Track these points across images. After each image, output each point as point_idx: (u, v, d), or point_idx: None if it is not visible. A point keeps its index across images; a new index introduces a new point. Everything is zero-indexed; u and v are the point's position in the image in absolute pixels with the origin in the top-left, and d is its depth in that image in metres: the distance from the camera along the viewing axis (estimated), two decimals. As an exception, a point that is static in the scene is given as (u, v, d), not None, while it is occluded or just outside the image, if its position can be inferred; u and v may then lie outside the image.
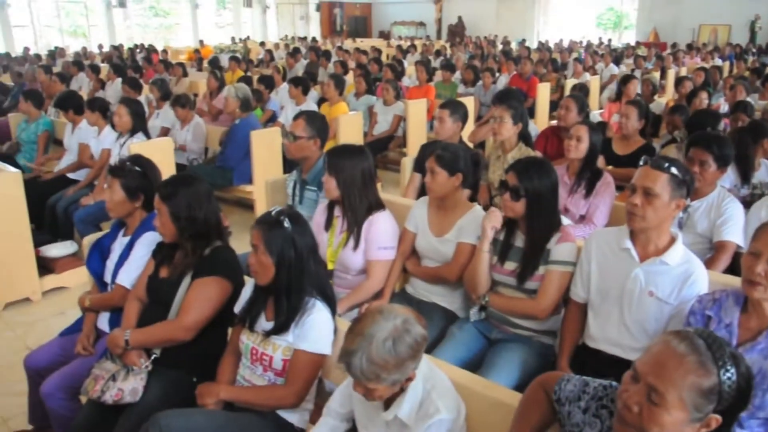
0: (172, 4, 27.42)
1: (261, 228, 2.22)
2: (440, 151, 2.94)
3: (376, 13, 31.57)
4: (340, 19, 29.57)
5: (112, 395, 2.36)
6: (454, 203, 2.97)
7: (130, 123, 4.99)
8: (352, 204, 2.95)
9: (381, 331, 1.70)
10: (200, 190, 2.55)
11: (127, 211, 2.88)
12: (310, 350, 2.20)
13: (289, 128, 3.61)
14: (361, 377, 1.71)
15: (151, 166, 2.95)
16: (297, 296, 2.22)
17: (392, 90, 7.28)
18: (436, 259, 2.99)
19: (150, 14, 27.90)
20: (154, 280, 2.62)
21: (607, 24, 28.35)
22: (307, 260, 2.24)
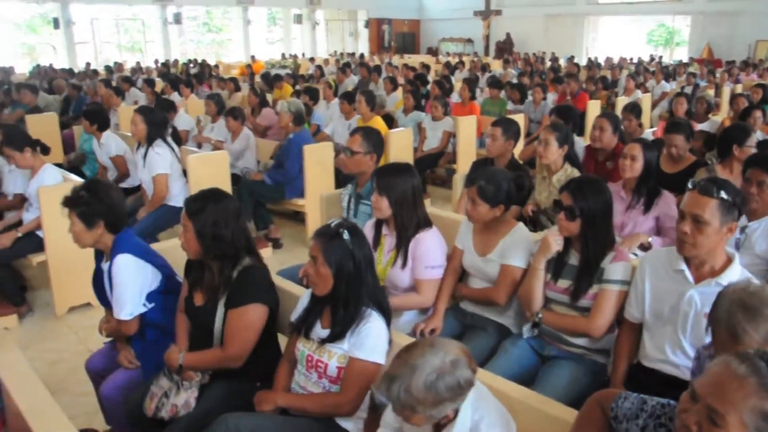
0: (225, 20, 28.13)
1: (320, 240, 2.24)
2: (483, 182, 2.87)
3: (424, 29, 31.77)
4: (388, 36, 29.86)
5: (167, 411, 2.45)
6: (497, 223, 2.95)
7: (145, 131, 4.90)
8: (405, 222, 2.94)
9: (426, 365, 1.66)
10: (229, 208, 2.49)
11: (92, 240, 2.76)
12: (365, 359, 2.21)
13: (345, 143, 3.63)
14: (397, 404, 1.70)
15: (104, 189, 2.79)
16: (354, 306, 2.24)
17: (441, 107, 7.29)
18: (481, 277, 2.99)
19: (203, 30, 28.67)
20: (191, 308, 2.61)
21: (658, 40, 27.94)
22: (365, 272, 2.26)
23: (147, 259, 2.75)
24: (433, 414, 1.69)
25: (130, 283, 2.69)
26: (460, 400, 1.71)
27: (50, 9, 21.37)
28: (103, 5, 22.58)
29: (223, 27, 28.94)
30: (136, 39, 25.50)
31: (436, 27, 30.87)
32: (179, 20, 23.59)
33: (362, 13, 29.44)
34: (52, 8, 21.15)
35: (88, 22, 22.57)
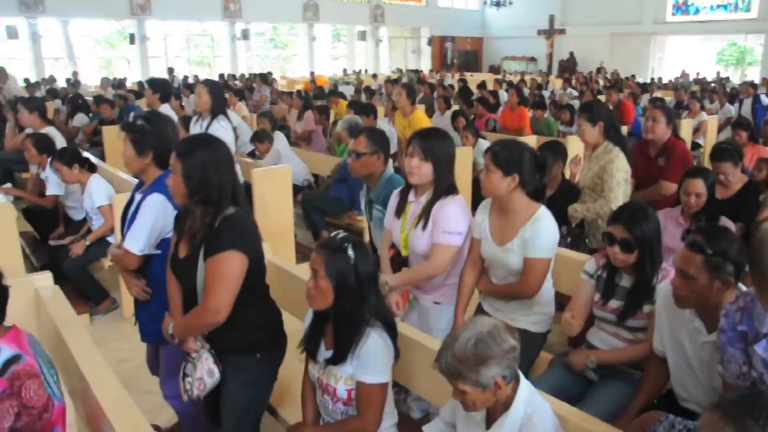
0: (291, 36, 28.78)
1: (323, 252, 2.15)
2: (498, 147, 2.70)
3: (487, 47, 31.78)
4: (451, 53, 29.99)
5: (197, 388, 2.41)
6: (514, 207, 2.72)
7: (209, 103, 4.95)
8: (441, 187, 2.84)
9: (466, 332, 1.82)
10: (220, 154, 2.37)
11: (139, 167, 2.79)
12: (371, 382, 2.18)
13: (350, 147, 3.50)
14: (446, 373, 1.82)
15: (162, 124, 2.84)
16: (357, 325, 2.18)
17: (471, 137, 7.13)
18: (500, 267, 2.81)
19: (270, 46, 29.39)
20: (176, 262, 2.49)
21: (729, 60, 27.17)
22: (368, 289, 2.17)
23: (177, 207, 2.70)
24: (479, 378, 1.78)
25: (153, 222, 2.69)
26: (505, 363, 1.80)
27: (127, 25, 22.37)
28: (176, 22, 23.48)
29: (288, 43, 29.61)
30: (205, 54, 26.35)
31: (499, 45, 30.84)
32: (247, 36, 24.27)
33: (425, 30, 29.68)
34: (129, 25, 22.13)
35: (162, 38, 23.49)
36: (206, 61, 25.99)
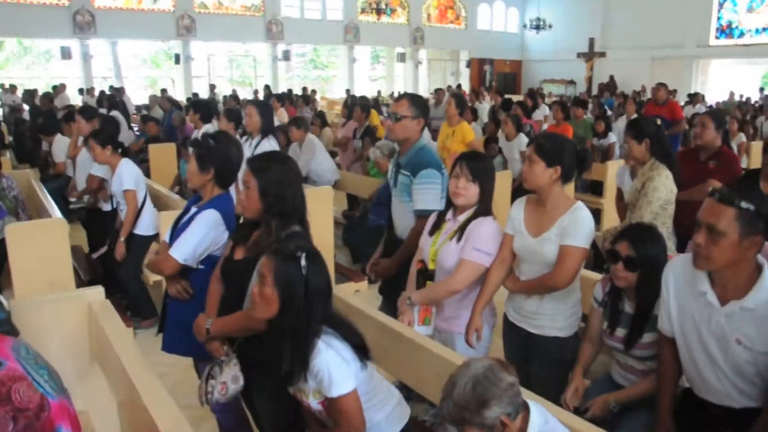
0: (331, 58, 29.19)
1: (274, 259, 2.05)
2: (542, 139, 2.73)
3: (526, 70, 31.75)
4: (489, 76, 30.03)
5: (219, 391, 2.43)
6: (553, 199, 2.72)
7: (259, 123, 5.12)
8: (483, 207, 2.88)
9: (462, 378, 1.80)
10: (292, 170, 2.48)
11: (199, 183, 2.88)
12: (336, 395, 2.03)
13: (391, 110, 3.59)
14: (451, 421, 1.82)
15: (228, 144, 2.91)
16: (304, 340, 2.03)
17: (512, 123, 7.05)
18: (534, 261, 2.77)
19: (310, 67, 29.86)
20: (229, 262, 2.56)
21: (774, 84, 26.67)
22: (317, 303, 2.04)
23: (228, 227, 2.84)
24: (483, 421, 1.78)
25: (202, 236, 2.76)
26: (505, 400, 1.79)
27: (173, 46, 23.01)
28: (220, 43, 24.06)
29: (328, 64, 30.04)
30: (247, 74, 26.87)
31: (538, 68, 30.79)
32: (288, 57, 24.71)
33: (464, 53, 29.82)
34: (174, 45, 22.76)
35: (205, 58, 24.10)
36: (248, 80, 26.49)
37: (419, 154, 3.42)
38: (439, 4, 28.65)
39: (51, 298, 2.96)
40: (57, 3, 19.39)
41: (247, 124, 5.27)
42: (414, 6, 27.39)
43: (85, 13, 19.55)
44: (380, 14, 25.50)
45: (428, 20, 28.21)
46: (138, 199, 4.76)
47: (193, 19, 21.71)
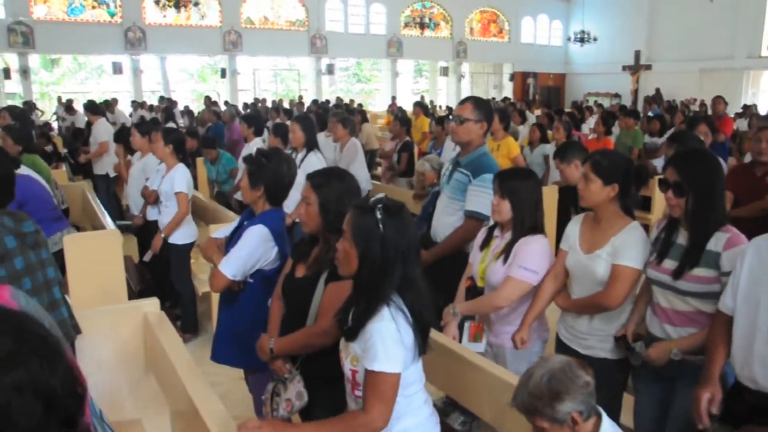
0: (374, 71, 29.43)
1: (352, 213, 1.97)
2: (598, 157, 2.71)
3: (569, 83, 31.47)
4: (533, 89, 29.86)
5: (284, 408, 2.44)
6: (609, 217, 2.69)
7: (303, 138, 5.22)
8: (522, 226, 2.87)
9: (540, 369, 1.88)
10: (352, 186, 2.48)
11: (250, 198, 2.92)
12: (370, 368, 1.88)
13: (455, 112, 3.63)
14: (523, 410, 1.88)
15: (278, 161, 2.92)
16: (372, 300, 1.91)
17: (563, 129, 6.94)
18: (584, 278, 2.74)
19: (353, 80, 30.16)
20: (290, 280, 2.55)
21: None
22: (394, 262, 1.90)
23: (278, 243, 2.87)
24: (555, 414, 1.82)
25: (252, 251, 2.78)
26: (579, 398, 1.83)
27: (219, 60, 23.52)
28: (265, 57, 24.51)
29: (371, 77, 30.29)
30: (291, 87, 27.26)
31: (583, 81, 30.49)
32: (332, 71, 24.99)
33: (507, 66, 29.73)
34: (220, 60, 23.25)
35: (251, 73, 24.56)
36: (292, 94, 26.90)
37: (483, 158, 3.46)
38: (482, 17, 28.66)
39: (109, 308, 3.06)
40: (110, 21, 20.08)
41: (292, 139, 5.39)
42: (457, 20, 27.45)
43: (136, 29, 20.16)
44: (423, 28, 25.61)
45: (471, 34, 28.23)
46: (188, 203, 4.84)
47: (240, 34, 22.16)
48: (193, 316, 5.11)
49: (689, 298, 2.44)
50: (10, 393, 0.84)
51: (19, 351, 0.87)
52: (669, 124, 9.36)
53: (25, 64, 19.19)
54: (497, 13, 28.83)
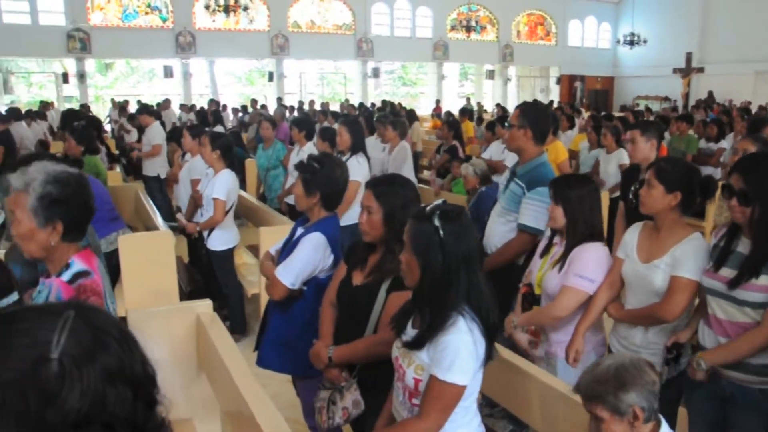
0: (419, 75, 29.40)
1: (410, 222, 1.95)
2: (663, 163, 2.64)
3: (618, 86, 30.94)
4: (580, 92, 29.44)
5: (340, 416, 2.43)
6: (669, 227, 2.62)
7: (349, 141, 5.29)
8: (576, 233, 2.82)
9: (608, 360, 1.86)
10: (413, 192, 2.44)
11: (305, 206, 2.89)
12: (442, 378, 1.85)
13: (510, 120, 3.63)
14: (584, 394, 1.85)
15: (332, 166, 2.91)
16: (440, 309, 1.89)
17: (611, 135, 6.79)
18: (640, 288, 2.67)
19: (399, 83, 30.19)
20: (347, 288, 2.50)
21: None
22: (457, 269, 1.87)
23: (334, 250, 2.87)
24: (618, 403, 1.77)
25: (309, 259, 2.78)
26: (644, 393, 1.78)
27: (266, 64, 23.82)
28: (311, 61, 24.73)
29: (417, 81, 30.27)
30: (337, 90, 27.42)
31: (631, 84, 29.93)
32: (377, 74, 25.09)
33: (554, 69, 29.39)
34: (268, 63, 23.55)
35: (297, 76, 24.79)
36: (338, 97, 27.07)
37: (539, 169, 3.40)
38: (529, 20, 28.41)
39: (162, 309, 3.13)
40: (162, 26, 20.61)
41: (339, 142, 5.42)
42: (503, 23, 27.27)
43: (186, 34, 20.61)
44: (470, 31, 25.49)
45: (518, 37, 28.00)
46: (223, 210, 4.87)
47: (287, 38, 22.44)
48: (242, 317, 5.18)
49: (747, 308, 2.32)
50: (103, 383, 0.85)
51: (101, 339, 0.88)
52: (727, 128, 9.06)
53: (82, 69, 19.91)
54: (544, 15, 28.54)
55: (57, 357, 0.83)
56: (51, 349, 0.83)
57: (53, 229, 1.95)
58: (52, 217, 1.94)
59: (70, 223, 1.98)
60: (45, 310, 0.90)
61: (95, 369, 0.85)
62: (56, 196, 1.93)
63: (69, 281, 1.97)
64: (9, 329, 0.86)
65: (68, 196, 1.96)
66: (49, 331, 0.85)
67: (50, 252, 2.00)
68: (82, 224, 2.06)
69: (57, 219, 1.95)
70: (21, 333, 0.85)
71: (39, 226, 1.94)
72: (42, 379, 0.82)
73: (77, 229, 2.04)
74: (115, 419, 0.85)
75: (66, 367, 0.83)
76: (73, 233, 2.02)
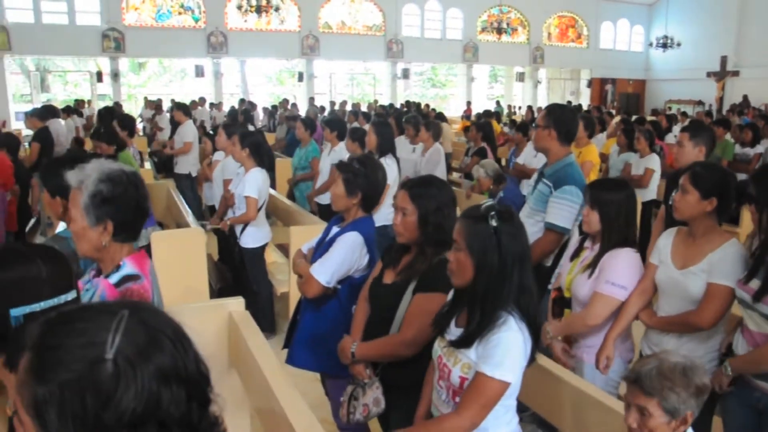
0: (449, 76, 29.35)
1: (464, 222, 1.95)
2: (698, 168, 2.59)
3: (650, 90, 30.52)
4: (611, 96, 29.11)
5: (360, 413, 2.45)
6: (705, 232, 2.57)
7: (376, 142, 5.28)
8: (610, 239, 2.78)
9: (674, 357, 1.77)
10: (449, 195, 2.44)
11: (345, 206, 2.88)
12: (489, 374, 1.86)
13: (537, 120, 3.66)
14: (646, 384, 1.75)
15: (375, 168, 2.92)
16: (492, 307, 1.89)
17: (644, 139, 6.72)
18: (675, 295, 2.63)
19: (428, 85, 30.16)
20: (378, 285, 2.54)
21: None
22: (512, 268, 1.89)
23: (370, 251, 2.88)
24: (677, 403, 1.72)
25: (344, 258, 2.78)
26: (700, 400, 1.74)
27: (296, 64, 23.98)
28: (342, 62, 24.83)
29: (446, 82, 30.23)
30: (367, 91, 27.50)
31: (663, 88, 29.49)
32: (407, 75, 25.09)
33: (585, 72, 29.10)
34: (298, 63, 23.71)
35: (327, 76, 24.91)
36: (367, 98, 27.14)
37: (567, 169, 3.41)
38: (560, 22, 28.16)
39: (195, 305, 3.16)
40: (194, 26, 20.85)
41: (367, 143, 5.44)
42: (534, 25, 27.08)
43: (218, 34, 20.84)
44: (500, 33, 25.36)
45: (548, 39, 27.77)
46: (256, 207, 4.91)
47: (317, 38, 22.55)
48: (271, 315, 5.21)
49: None
50: (158, 382, 0.85)
51: (155, 339, 0.88)
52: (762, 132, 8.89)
53: (115, 68, 20.33)
54: (576, 17, 28.27)
55: (112, 357, 0.84)
56: (106, 349, 0.84)
57: (104, 228, 1.92)
58: (102, 216, 1.91)
59: (120, 223, 1.94)
60: (100, 310, 0.91)
61: (149, 369, 0.85)
62: (107, 194, 1.89)
63: (116, 284, 1.93)
64: (65, 329, 0.87)
65: (119, 195, 1.91)
66: (103, 331, 0.86)
67: (102, 252, 1.97)
68: (133, 225, 2.01)
69: (107, 218, 1.91)
70: (77, 333, 0.86)
71: (90, 224, 1.91)
72: (98, 379, 0.82)
73: (129, 229, 1.99)
74: (170, 419, 0.86)
75: (121, 367, 0.84)
76: (124, 233, 1.98)
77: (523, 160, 7.06)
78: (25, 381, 0.85)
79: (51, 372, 0.83)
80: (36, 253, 1.39)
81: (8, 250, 1.40)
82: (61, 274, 1.38)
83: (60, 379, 0.82)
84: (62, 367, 0.83)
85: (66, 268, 1.40)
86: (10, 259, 1.36)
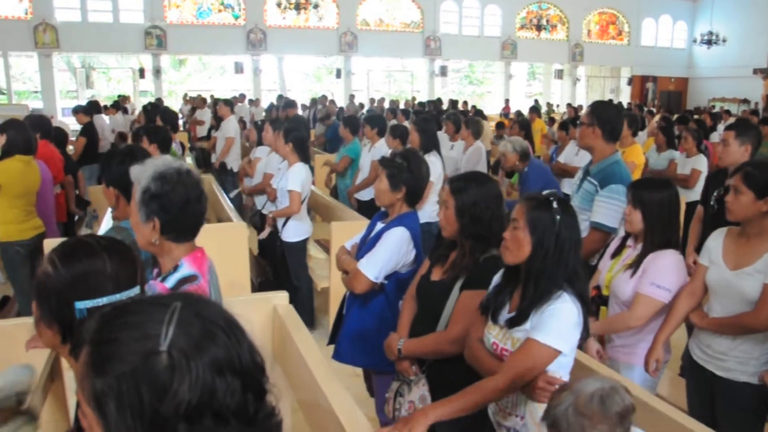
0: (487, 74, 29.16)
1: (527, 204, 2.04)
2: (750, 168, 2.54)
3: (692, 88, 29.89)
4: (652, 94, 28.59)
5: (406, 409, 2.45)
6: (760, 232, 2.52)
7: (418, 140, 5.26)
8: (653, 240, 2.74)
9: (588, 387, 1.57)
10: (491, 192, 2.44)
11: (389, 201, 2.90)
12: (540, 340, 1.92)
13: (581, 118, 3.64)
14: (563, 428, 1.57)
15: (418, 163, 2.93)
16: (546, 284, 1.98)
17: (692, 139, 6.55)
18: (728, 296, 2.58)
19: (465, 82, 30.02)
20: (426, 282, 2.56)
21: None
22: (567, 252, 1.99)
23: (416, 246, 2.90)
24: None
25: (392, 253, 2.80)
26: (626, 424, 1.56)
27: (334, 61, 24.11)
28: (379, 58, 24.87)
29: (484, 80, 30.04)
30: (404, 88, 27.48)
31: (707, 86, 28.84)
32: (445, 72, 24.99)
33: (626, 70, 28.63)
34: (335, 60, 23.84)
35: (365, 73, 24.99)
36: (404, 95, 27.14)
37: (613, 167, 3.37)
38: (600, 19, 27.74)
39: (240, 299, 3.21)
40: (234, 23, 21.11)
41: (410, 141, 5.41)
42: (574, 22, 26.73)
43: (257, 31, 21.06)
44: (539, 30, 25.10)
45: (588, 36, 27.39)
46: (299, 201, 4.94)
47: (355, 35, 22.61)
48: (310, 310, 5.25)
49: None
50: (212, 374, 0.86)
51: (209, 330, 0.89)
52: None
53: (157, 65, 20.75)
54: (617, 14, 27.83)
55: (166, 349, 0.85)
56: (160, 341, 0.85)
57: (153, 226, 1.93)
58: (150, 214, 1.92)
59: (167, 221, 1.93)
60: (153, 303, 0.92)
61: (203, 360, 0.86)
62: (155, 191, 1.89)
63: (173, 287, 1.92)
64: (119, 323, 0.89)
65: (166, 193, 1.90)
66: (157, 324, 0.87)
67: (156, 249, 1.98)
68: (183, 224, 1.98)
69: (154, 215, 1.92)
70: (131, 326, 0.88)
71: (142, 220, 1.93)
72: (153, 371, 0.84)
73: (177, 228, 1.97)
74: (226, 409, 0.86)
75: (175, 359, 0.85)
76: (174, 232, 1.97)
77: (565, 158, 6.99)
78: (85, 374, 0.88)
79: (108, 365, 0.85)
80: (104, 247, 1.41)
81: (79, 243, 1.43)
82: (126, 270, 1.40)
83: (116, 372, 0.84)
84: (118, 360, 0.85)
85: (132, 264, 1.43)
86: (80, 253, 1.38)
